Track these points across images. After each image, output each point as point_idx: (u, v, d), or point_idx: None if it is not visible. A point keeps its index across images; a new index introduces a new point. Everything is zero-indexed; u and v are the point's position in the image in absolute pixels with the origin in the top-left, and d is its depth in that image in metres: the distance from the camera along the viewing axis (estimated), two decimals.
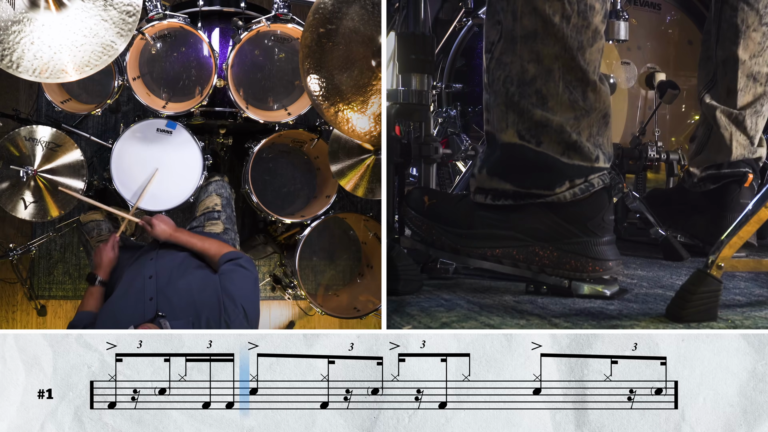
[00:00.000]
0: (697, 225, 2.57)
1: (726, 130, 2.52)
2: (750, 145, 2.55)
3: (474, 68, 3.01)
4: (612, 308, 1.89)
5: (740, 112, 2.50)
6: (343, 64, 2.18)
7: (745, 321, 1.81)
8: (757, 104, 2.51)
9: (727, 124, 2.52)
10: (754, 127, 2.53)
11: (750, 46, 2.43)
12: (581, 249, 1.95)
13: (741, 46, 2.43)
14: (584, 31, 1.89)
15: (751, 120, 2.52)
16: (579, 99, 1.92)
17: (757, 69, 2.46)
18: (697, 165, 2.61)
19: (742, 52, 2.43)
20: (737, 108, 2.49)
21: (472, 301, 1.95)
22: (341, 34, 2.15)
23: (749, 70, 2.46)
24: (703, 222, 2.55)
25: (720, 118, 2.51)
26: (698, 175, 2.59)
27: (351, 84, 2.19)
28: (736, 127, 2.52)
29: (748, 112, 2.51)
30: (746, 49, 2.43)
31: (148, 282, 2.18)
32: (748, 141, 2.54)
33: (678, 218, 2.61)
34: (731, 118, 2.51)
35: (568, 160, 1.94)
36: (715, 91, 2.53)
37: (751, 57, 2.44)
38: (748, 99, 2.49)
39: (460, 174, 2.93)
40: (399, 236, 2.14)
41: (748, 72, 2.46)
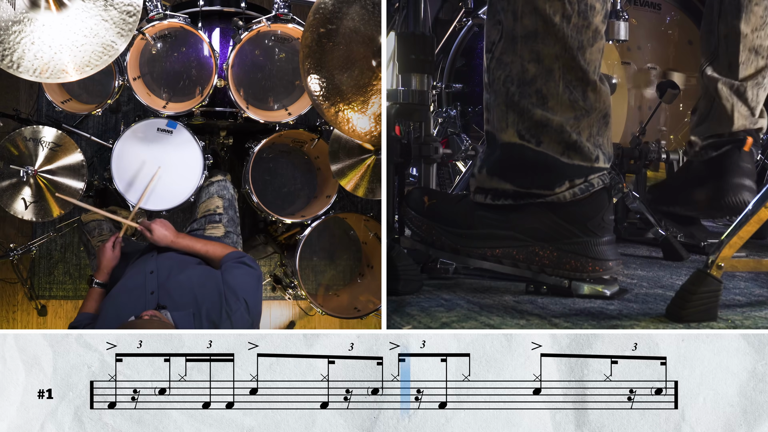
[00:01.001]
0: (699, 196, 2.58)
1: (728, 101, 2.53)
2: (751, 115, 2.56)
3: (474, 68, 3.01)
4: (612, 308, 1.89)
5: (741, 84, 2.52)
6: (344, 64, 2.18)
7: (745, 321, 1.81)
8: (759, 77, 2.52)
9: (728, 95, 2.53)
10: (755, 99, 2.55)
11: (752, 20, 2.45)
12: (581, 249, 1.95)
13: (743, 20, 2.45)
14: (584, 31, 1.89)
15: (752, 91, 2.53)
16: (579, 99, 1.92)
17: (759, 42, 2.47)
18: (699, 135, 2.62)
19: (744, 26, 2.45)
20: (738, 80, 2.51)
21: (472, 301, 1.95)
22: (341, 34, 2.15)
23: (751, 43, 2.47)
24: (705, 192, 2.57)
25: (722, 90, 2.53)
26: (700, 144, 2.60)
27: (351, 84, 2.19)
28: (737, 98, 2.53)
29: (750, 84, 2.52)
30: (748, 22, 2.45)
31: (149, 277, 2.18)
32: (749, 112, 2.56)
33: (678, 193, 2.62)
34: (733, 90, 2.52)
35: (568, 160, 1.94)
36: (716, 64, 2.54)
37: (753, 30, 2.46)
38: (750, 71, 2.50)
39: (460, 174, 2.93)
40: (399, 236, 2.14)
41: (750, 45, 2.47)
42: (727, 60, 2.51)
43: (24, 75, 1.94)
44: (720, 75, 2.53)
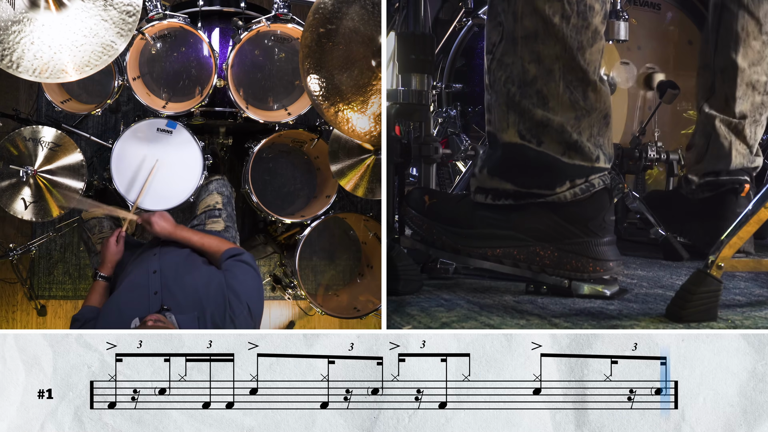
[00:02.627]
0: (694, 231, 2.57)
1: (725, 139, 2.51)
2: (749, 154, 2.54)
3: (474, 68, 3.01)
4: (612, 308, 1.89)
5: (739, 122, 2.49)
6: (343, 64, 2.18)
7: (745, 321, 1.82)
8: (756, 113, 2.50)
9: (726, 133, 2.51)
10: (753, 137, 2.53)
11: (749, 54, 2.42)
12: (582, 249, 1.95)
13: (740, 54, 2.42)
14: (584, 32, 1.89)
15: (750, 129, 2.51)
16: (579, 99, 1.93)
17: (756, 78, 2.45)
18: (696, 173, 2.61)
19: (741, 60, 2.42)
20: (736, 117, 2.49)
21: (472, 301, 1.95)
22: (341, 34, 2.15)
23: (748, 78, 2.45)
24: (700, 229, 2.55)
25: (719, 128, 2.51)
26: (696, 182, 2.59)
27: (351, 84, 2.19)
28: (735, 136, 2.51)
29: (748, 122, 2.50)
30: (746, 57, 2.42)
31: (152, 277, 2.18)
32: (747, 150, 2.54)
33: (675, 222, 2.61)
34: (731, 127, 2.51)
35: (568, 160, 1.94)
36: (713, 99, 2.52)
37: (751, 65, 2.43)
38: (747, 107, 2.48)
39: (460, 174, 2.93)
40: (399, 236, 2.14)
41: (748, 80, 2.45)
42: (723, 95, 2.49)
43: (23, 75, 1.94)
44: (717, 112, 2.50)
